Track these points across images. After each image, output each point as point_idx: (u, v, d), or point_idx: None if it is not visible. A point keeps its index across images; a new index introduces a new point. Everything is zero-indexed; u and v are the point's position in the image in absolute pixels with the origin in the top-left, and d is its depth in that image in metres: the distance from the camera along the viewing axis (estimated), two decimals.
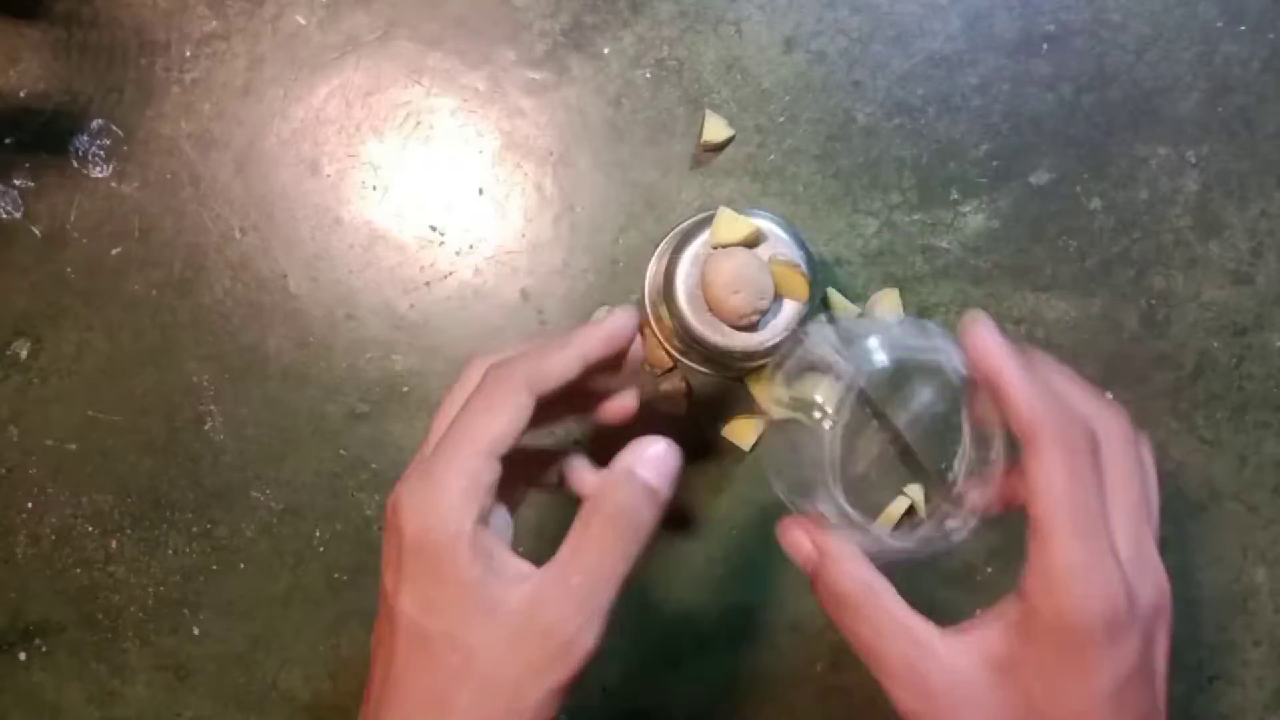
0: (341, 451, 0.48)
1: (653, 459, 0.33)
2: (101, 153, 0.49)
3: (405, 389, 0.49)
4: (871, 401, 0.38)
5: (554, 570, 0.32)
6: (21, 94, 0.49)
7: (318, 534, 0.48)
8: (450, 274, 0.49)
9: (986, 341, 0.32)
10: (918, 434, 0.38)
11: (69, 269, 0.49)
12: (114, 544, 0.49)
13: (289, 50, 0.49)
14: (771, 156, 0.49)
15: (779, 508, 0.36)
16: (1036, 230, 0.48)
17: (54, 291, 0.49)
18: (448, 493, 0.31)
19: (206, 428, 0.49)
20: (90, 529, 0.49)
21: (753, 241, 0.43)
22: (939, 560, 0.38)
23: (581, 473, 0.35)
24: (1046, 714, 0.30)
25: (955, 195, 0.48)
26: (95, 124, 0.49)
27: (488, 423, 0.32)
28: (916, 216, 0.48)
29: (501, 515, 0.34)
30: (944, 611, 0.33)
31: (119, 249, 0.49)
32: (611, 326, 0.35)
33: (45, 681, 0.48)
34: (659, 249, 0.47)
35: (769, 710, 0.48)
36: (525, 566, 0.32)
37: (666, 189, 0.49)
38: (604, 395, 0.37)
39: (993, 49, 0.49)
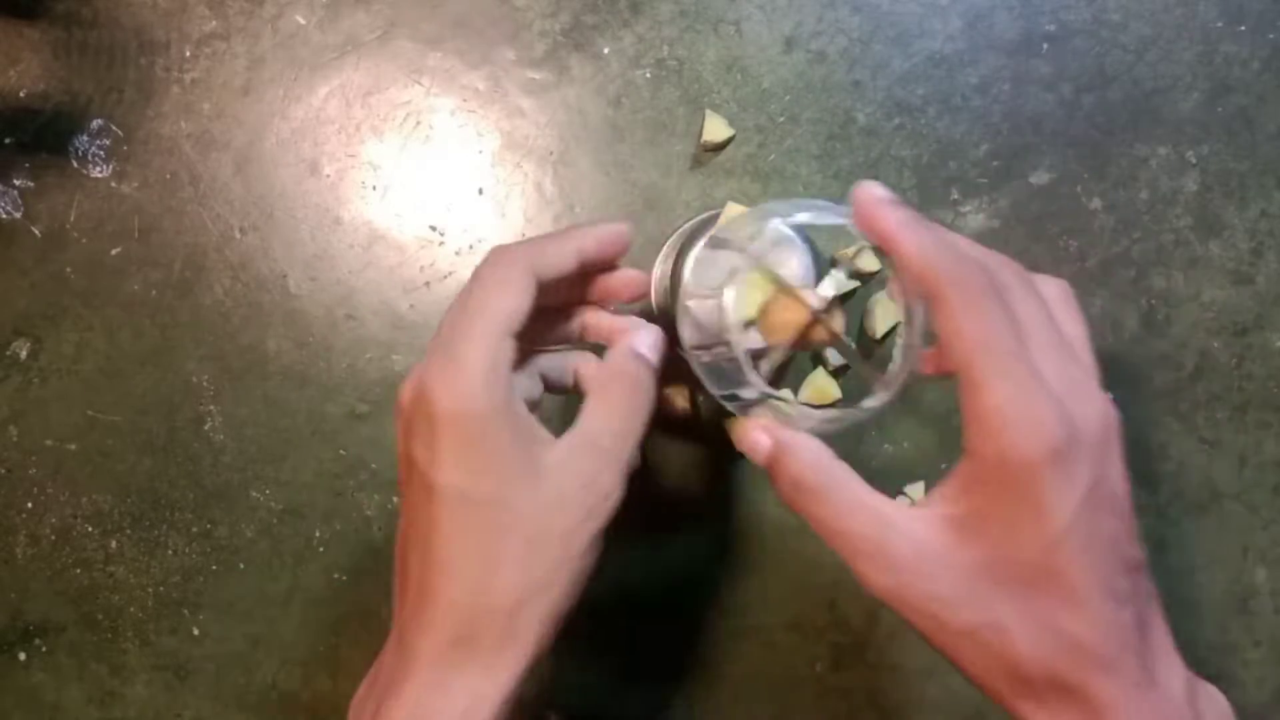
0: (341, 451, 0.48)
1: (646, 339, 0.37)
2: (101, 153, 0.49)
3: None
4: (780, 280, 0.38)
5: (582, 434, 0.35)
6: (21, 94, 0.49)
7: (318, 534, 0.48)
8: (450, 274, 0.49)
9: (873, 201, 0.33)
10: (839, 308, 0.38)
11: (69, 269, 0.49)
12: (114, 544, 0.49)
13: (289, 50, 0.49)
14: (772, 156, 0.49)
15: (779, 507, 0.36)
16: (1036, 230, 0.48)
17: (54, 291, 0.49)
18: (477, 369, 0.33)
19: (206, 428, 0.49)
20: (90, 529, 0.49)
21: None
22: None
23: (588, 366, 0.39)
24: (1013, 557, 0.30)
25: (955, 195, 0.48)
26: (95, 124, 0.49)
27: (499, 299, 0.34)
28: None
29: (521, 383, 0.37)
30: None
31: (119, 249, 0.49)
32: (603, 229, 0.37)
33: (45, 681, 0.48)
34: (663, 251, 0.47)
35: (769, 710, 0.48)
36: (548, 433, 0.35)
37: (666, 189, 0.49)
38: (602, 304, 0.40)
39: (993, 49, 0.49)
